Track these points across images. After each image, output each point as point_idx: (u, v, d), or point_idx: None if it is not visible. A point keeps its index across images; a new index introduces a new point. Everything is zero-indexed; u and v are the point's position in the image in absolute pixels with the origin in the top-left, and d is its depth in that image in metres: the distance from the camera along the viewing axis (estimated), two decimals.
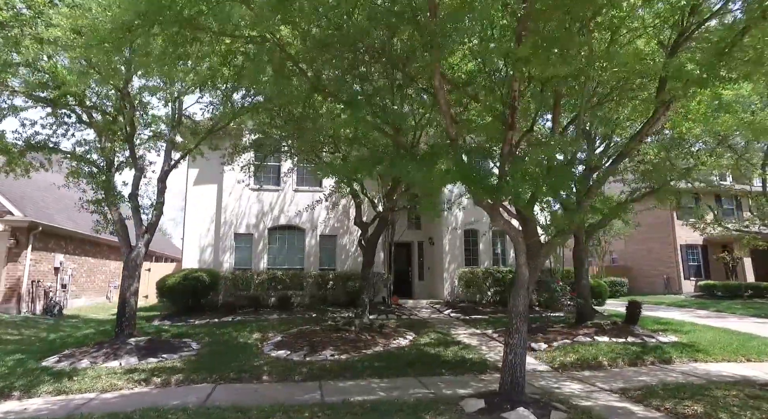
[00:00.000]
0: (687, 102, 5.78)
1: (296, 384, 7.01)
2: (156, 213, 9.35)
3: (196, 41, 4.25)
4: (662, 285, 25.83)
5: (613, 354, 8.70)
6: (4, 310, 12.82)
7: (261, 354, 8.46)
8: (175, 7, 4.14)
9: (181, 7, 4.13)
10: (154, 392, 6.46)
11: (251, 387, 6.77)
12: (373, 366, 7.82)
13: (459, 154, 4.52)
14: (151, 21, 4.10)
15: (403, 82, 5.70)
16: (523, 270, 5.69)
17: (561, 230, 5.71)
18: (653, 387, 6.80)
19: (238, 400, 5.94)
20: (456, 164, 4.37)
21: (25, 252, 13.33)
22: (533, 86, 5.53)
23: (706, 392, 6.45)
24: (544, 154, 4.17)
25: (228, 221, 14.61)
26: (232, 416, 5.24)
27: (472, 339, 10.44)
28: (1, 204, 13.10)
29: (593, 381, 7.31)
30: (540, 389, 6.82)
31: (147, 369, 7.23)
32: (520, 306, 5.80)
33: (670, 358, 8.69)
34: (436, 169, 4.48)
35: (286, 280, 13.73)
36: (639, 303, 11.22)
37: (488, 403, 5.66)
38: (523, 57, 3.76)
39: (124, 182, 9.06)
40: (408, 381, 7.16)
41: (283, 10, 4.03)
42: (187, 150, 9.62)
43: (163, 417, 5.12)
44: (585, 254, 11.58)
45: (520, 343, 5.78)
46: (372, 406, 5.68)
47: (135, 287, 8.85)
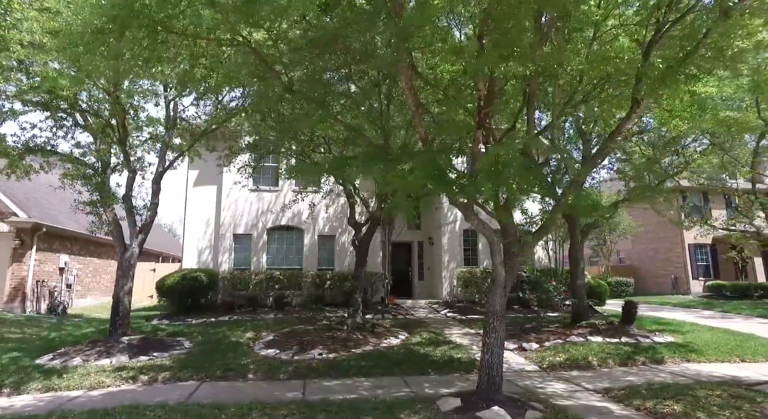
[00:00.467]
0: (670, 100, 5.73)
1: (281, 382, 7.08)
2: (150, 214, 9.51)
3: (165, 44, 4.35)
4: (670, 286, 25.49)
5: (604, 355, 8.64)
6: (9, 309, 13.13)
7: (251, 353, 8.56)
8: (147, 11, 4.24)
9: (151, 11, 4.23)
10: (140, 390, 6.59)
11: (236, 385, 6.87)
12: (360, 365, 7.87)
13: (428, 154, 4.55)
14: (123, 24, 4.20)
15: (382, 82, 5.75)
16: (499, 270, 5.69)
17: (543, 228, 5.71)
18: (638, 387, 6.75)
19: (219, 398, 6.04)
20: (419, 163, 4.40)
21: (30, 252, 13.63)
22: (510, 86, 5.55)
23: (689, 392, 6.38)
24: (502, 152, 4.17)
25: (227, 222, 14.78)
26: (209, 413, 5.33)
27: (464, 338, 10.43)
28: (5, 205, 13.42)
29: (579, 381, 7.27)
30: (523, 389, 6.82)
31: (136, 367, 7.37)
32: (497, 306, 5.80)
33: (662, 358, 8.61)
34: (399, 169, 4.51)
35: (284, 280, 13.86)
36: (635, 303, 11.10)
37: (465, 402, 5.67)
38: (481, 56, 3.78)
39: (118, 184, 9.24)
40: (393, 380, 7.20)
41: (247, 13, 4.10)
42: (181, 152, 9.77)
43: (142, 414, 5.22)
44: (581, 254, 11.50)
45: (497, 342, 5.79)
46: (349, 405, 5.73)
47: (129, 287, 9.01)
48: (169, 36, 4.29)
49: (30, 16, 4.81)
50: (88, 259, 17.26)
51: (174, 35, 4.29)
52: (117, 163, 9.74)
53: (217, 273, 13.69)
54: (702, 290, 24.27)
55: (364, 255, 10.99)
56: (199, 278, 12.70)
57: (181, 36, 4.41)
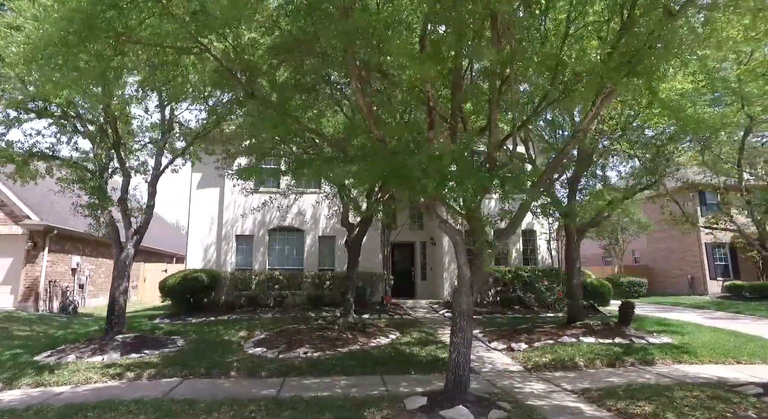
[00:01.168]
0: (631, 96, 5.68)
1: (261, 380, 7.24)
2: (145, 217, 9.81)
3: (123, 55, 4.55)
4: (687, 286, 24.82)
5: (592, 355, 8.53)
6: (23, 308, 13.71)
7: (239, 351, 8.75)
8: (107, 23, 4.44)
9: (112, 22, 4.43)
10: (124, 386, 6.83)
11: (217, 383, 7.05)
12: (343, 364, 7.97)
13: (380, 154, 4.62)
14: (84, 37, 4.41)
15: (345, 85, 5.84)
16: (464, 270, 5.71)
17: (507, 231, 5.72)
18: (617, 387, 6.66)
19: (196, 394, 6.22)
20: (370, 164, 4.47)
21: (42, 253, 14.20)
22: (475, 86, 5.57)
23: (667, 393, 6.28)
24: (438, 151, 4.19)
25: (230, 223, 15.09)
26: (181, 408, 5.51)
27: None
28: (19, 208, 14.02)
29: (560, 382, 7.22)
30: (500, 389, 6.80)
31: (124, 364, 7.64)
32: (463, 305, 5.82)
33: (652, 360, 8.45)
34: (351, 170, 4.58)
35: (284, 280, 14.07)
36: (632, 303, 10.89)
37: (431, 401, 5.72)
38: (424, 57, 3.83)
39: (113, 187, 9.54)
40: (373, 379, 7.27)
41: (203, 22, 4.26)
42: (175, 155, 10.05)
43: (115, 408, 5.43)
44: (577, 254, 11.34)
45: (464, 342, 5.81)
46: (317, 402, 5.84)
47: (124, 286, 9.33)
48: (131, 46, 4.48)
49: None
50: (100, 260, 17.85)
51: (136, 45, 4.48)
52: (115, 167, 10.07)
53: (218, 273, 14.00)
54: (720, 291, 23.58)
55: (356, 256, 11.10)
56: (199, 278, 13.02)
57: (144, 46, 4.60)
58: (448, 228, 5.57)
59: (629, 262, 29.09)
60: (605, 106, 5.15)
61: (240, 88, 5.06)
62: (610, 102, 5.21)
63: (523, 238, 16.93)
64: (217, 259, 15.00)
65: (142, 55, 4.74)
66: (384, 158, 4.53)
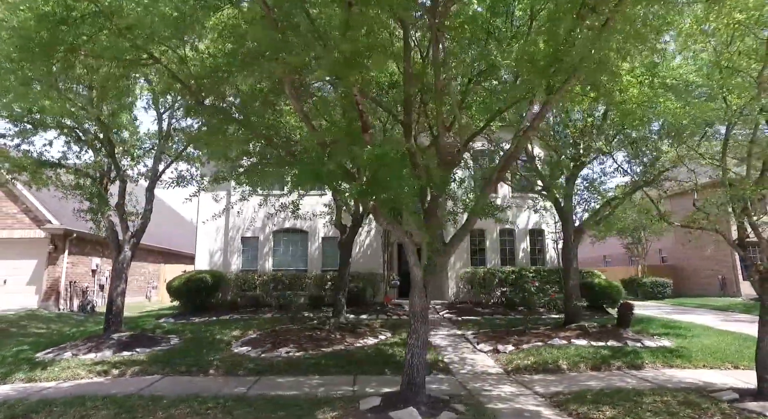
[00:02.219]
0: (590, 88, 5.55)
1: (237, 377, 7.45)
2: (142, 221, 10.25)
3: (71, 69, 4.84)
4: (717, 287, 23.63)
5: (578, 358, 8.31)
6: (45, 307, 14.56)
7: (226, 350, 9.01)
8: (58, 39, 4.73)
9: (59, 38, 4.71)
10: (107, 382, 7.18)
11: (194, 380, 7.30)
12: (321, 363, 8.09)
13: (320, 157, 4.69)
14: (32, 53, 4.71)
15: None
16: (415, 271, 5.71)
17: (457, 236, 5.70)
18: (587, 392, 6.50)
19: (167, 390, 6.48)
20: (303, 166, 4.56)
21: (62, 256, 15.05)
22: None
23: (636, 398, 6.08)
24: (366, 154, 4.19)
25: (236, 225, 15.52)
26: (143, 404, 5.77)
27: (445, 340, 10.39)
28: (42, 214, 14.90)
29: (534, 385, 7.09)
30: (468, 391, 6.75)
31: (112, 362, 8.02)
32: (417, 307, 5.83)
33: (641, 364, 8.16)
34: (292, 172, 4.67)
35: (286, 281, 14.34)
36: (631, 305, 10.53)
37: (384, 402, 5.75)
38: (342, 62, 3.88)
39: (111, 193, 10.01)
40: (345, 378, 7.35)
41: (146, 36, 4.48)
42: (170, 162, 10.45)
43: (83, 404, 5.73)
44: (574, 253, 11.05)
45: (418, 344, 5.81)
46: (277, 401, 5.97)
47: (122, 288, 9.77)
48: (83, 60, 4.75)
49: None
50: None
51: (86, 58, 4.76)
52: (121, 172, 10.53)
53: (222, 274, 14.42)
54: (755, 292, 22.29)
55: (347, 256, 11.22)
56: (204, 279, 13.46)
57: (97, 59, 4.88)
58: (397, 231, 5.58)
59: (656, 262, 27.96)
60: (553, 105, 5.02)
61: (190, 97, 5.29)
62: (556, 103, 5.09)
63: (530, 238, 16.60)
64: (224, 261, 15.45)
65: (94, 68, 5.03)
66: (317, 161, 4.62)
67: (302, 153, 5.28)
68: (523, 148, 5.30)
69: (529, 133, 5.30)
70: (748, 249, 6.29)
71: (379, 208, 4.98)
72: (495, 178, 5.37)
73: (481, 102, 5.55)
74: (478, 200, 5.04)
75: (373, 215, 5.49)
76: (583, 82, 5.93)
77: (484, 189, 5.39)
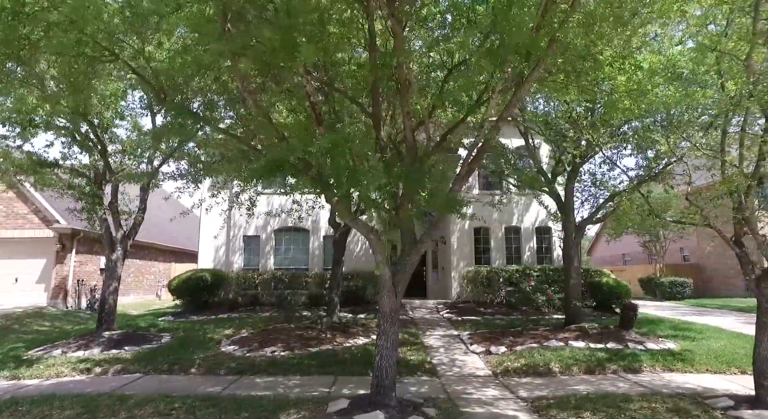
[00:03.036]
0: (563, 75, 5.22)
1: (217, 377, 7.37)
2: (136, 221, 10.30)
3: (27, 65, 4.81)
4: (743, 287, 22.52)
5: (572, 361, 7.94)
6: (53, 305, 14.88)
7: (213, 349, 8.95)
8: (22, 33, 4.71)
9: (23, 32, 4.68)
10: (87, 380, 7.19)
11: (173, 378, 7.26)
12: (303, 363, 7.95)
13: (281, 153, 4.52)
14: None
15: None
16: (383, 269, 5.49)
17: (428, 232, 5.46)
18: (572, 397, 6.17)
19: (142, 389, 6.45)
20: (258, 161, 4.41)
21: (70, 255, 15.35)
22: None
23: (623, 404, 5.74)
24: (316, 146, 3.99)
25: (238, 224, 15.55)
26: (110, 403, 5.72)
27: (439, 340, 10.11)
28: (50, 214, 15.22)
29: (519, 389, 6.78)
30: (448, 394, 6.49)
31: (98, 360, 8.04)
32: (386, 308, 5.60)
33: (639, 367, 7.74)
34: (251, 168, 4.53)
35: (286, 280, 14.28)
36: (634, 305, 10.04)
37: (351, 405, 5.56)
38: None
39: (106, 192, 10.07)
40: (325, 379, 7.19)
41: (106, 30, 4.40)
42: (163, 160, 10.45)
43: (50, 402, 5.72)
44: (574, 251, 10.62)
45: (387, 345, 5.58)
46: (244, 401, 5.85)
47: (114, 286, 9.84)
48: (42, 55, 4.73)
49: None
50: (130, 261, 19.00)
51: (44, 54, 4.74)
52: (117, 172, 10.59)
53: (223, 273, 14.46)
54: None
55: (340, 255, 11.07)
56: (203, 278, 13.51)
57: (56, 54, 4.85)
58: (362, 226, 5.37)
59: (677, 261, 26.93)
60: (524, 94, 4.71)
61: (151, 92, 5.21)
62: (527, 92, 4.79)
63: (537, 236, 16.12)
64: (226, 259, 15.50)
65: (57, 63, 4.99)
66: (276, 155, 4.46)
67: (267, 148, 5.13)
68: (493, 139, 5.01)
69: (499, 124, 5.02)
70: (746, 246, 5.84)
71: (340, 203, 4.78)
72: (464, 173, 5.10)
73: (449, 94, 5.28)
74: (437, 194, 4.73)
75: (337, 210, 5.29)
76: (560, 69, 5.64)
77: (454, 184, 5.13)
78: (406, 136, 5.15)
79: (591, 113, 8.51)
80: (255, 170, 4.63)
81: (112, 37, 4.93)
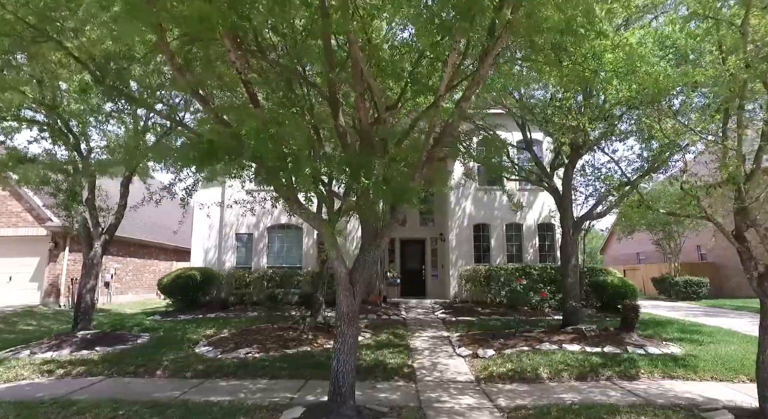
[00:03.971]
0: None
1: (181, 380, 6.99)
2: (116, 217, 10.01)
3: None
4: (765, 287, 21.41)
5: (563, 366, 7.36)
6: (45, 304, 14.77)
7: (187, 350, 8.58)
8: None
9: None
10: (46, 383, 6.86)
11: (135, 381, 6.91)
12: (275, 365, 7.52)
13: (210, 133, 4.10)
14: None
15: None
16: (337, 266, 5.01)
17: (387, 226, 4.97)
18: (553, 406, 5.62)
19: (97, 394, 6.09)
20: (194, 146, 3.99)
21: (63, 253, 15.23)
22: None
23: (608, 415, 5.18)
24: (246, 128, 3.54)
25: (230, 222, 15.22)
26: (51, 409, 5.37)
27: (427, 342, 9.60)
28: (43, 212, 15.12)
29: (499, 397, 6.23)
30: (419, 402, 5.98)
31: (63, 361, 7.73)
32: (344, 308, 5.12)
33: (636, 374, 7.12)
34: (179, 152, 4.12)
35: (278, 279, 13.90)
36: (636, 306, 9.36)
37: (305, 414, 5.11)
38: None
39: (81, 188, 9.79)
40: (293, 383, 6.76)
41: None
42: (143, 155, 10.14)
43: None
44: (572, 249, 9.97)
45: (345, 349, 5.10)
46: (195, 408, 5.46)
47: (92, 284, 9.55)
48: None
49: None
50: (128, 259, 18.90)
51: None
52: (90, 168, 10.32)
53: (213, 271, 14.16)
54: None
55: (325, 254, 10.60)
56: (192, 276, 13.21)
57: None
58: (312, 220, 4.90)
59: (693, 259, 25.82)
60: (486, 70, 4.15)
61: (89, 73, 4.84)
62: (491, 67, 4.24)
63: (539, 233, 15.43)
64: (218, 258, 15.20)
65: None
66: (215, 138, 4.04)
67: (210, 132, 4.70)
68: (457, 124, 4.47)
69: (463, 104, 4.48)
70: (749, 241, 5.20)
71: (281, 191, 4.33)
72: (423, 161, 4.58)
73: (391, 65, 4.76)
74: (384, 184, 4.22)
75: (287, 203, 4.84)
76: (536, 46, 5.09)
77: (414, 174, 4.62)
78: (362, 120, 4.66)
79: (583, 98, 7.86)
80: (184, 154, 4.21)
81: (43, 16, 4.56)
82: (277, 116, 3.93)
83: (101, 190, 10.06)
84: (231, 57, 3.84)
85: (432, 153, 4.65)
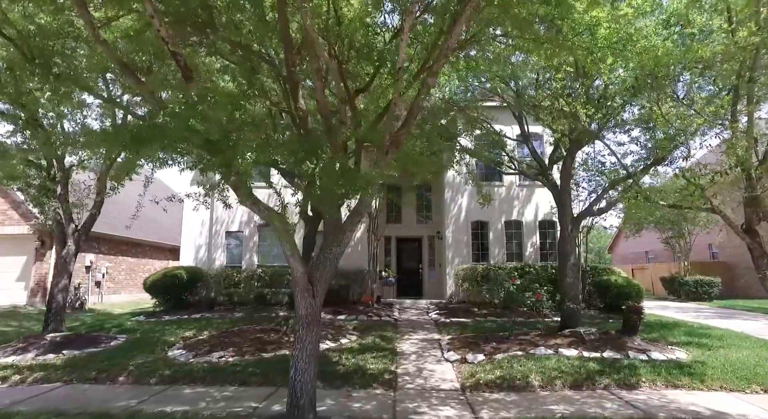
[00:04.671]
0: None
1: (143, 387, 6.53)
2: (91, 213, 9.60)
3: None
4: None
5: (556, 373, 6.78)
6: (32, 303, 14.44)
7: (159, 354, 8.13)
8: None
9: None
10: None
11: (94, 388, 6.46)
12: (247, 371, 7.03)
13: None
14: None
15: None
16: (293, 264, 4.49)
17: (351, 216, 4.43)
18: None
19: (44, 403, 5.65)
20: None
21: (50, 252, 14.87)
22: None
23: None
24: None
25: (220, 219, 14.79)
26: None
27: (416, 345, 9.04)
28: (28, 208, 14.77)
29: (483, 408, 5.68)
30: (394, 413, 5.45)
31: (22, 366, 7.29)
32: (302, 310, 4.60)
33: (637, 382, 6.52)
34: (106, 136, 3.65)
35: (267, 278, 13.43)
36: (639, 308, 8.75)
37: None
38: None
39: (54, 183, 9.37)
40: (262, 391, 6.27)
41: None
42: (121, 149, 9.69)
43: None
44: (571, 247, 9.36)
45: (303, 356, 4.58)
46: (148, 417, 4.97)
47: (64, 284, 9.14)
48: None
49: None
50: (120, 258, 18.55)
51: None
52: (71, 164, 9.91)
53: (200, 270, 13.71)
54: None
55: (310, 252, 10.09)
56: (178, 276, 12.78)
57: None
58: (264, 213, 4.39)
59: (705, 258, 24.95)
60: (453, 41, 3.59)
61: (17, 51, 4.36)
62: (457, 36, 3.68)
63: (540, 231, 14.78)
64: (208, 256, 14.76)
65: None
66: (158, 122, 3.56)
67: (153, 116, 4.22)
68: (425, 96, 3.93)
69: (429, 81, 3.94)
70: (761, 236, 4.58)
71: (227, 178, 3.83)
72: (388, 144, 4.03)
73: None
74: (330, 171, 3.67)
75: (236, 193, 4.32)
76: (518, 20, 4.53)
77: (378, 161, 4.08)
78: (318, 101, 4.13)
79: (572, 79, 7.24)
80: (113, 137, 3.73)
81: None
82: (206, 93, 3.42)
83: (79, 186, 9.62)
84: (155, 23, 3.33)
85: (398, 135, 4.11)
